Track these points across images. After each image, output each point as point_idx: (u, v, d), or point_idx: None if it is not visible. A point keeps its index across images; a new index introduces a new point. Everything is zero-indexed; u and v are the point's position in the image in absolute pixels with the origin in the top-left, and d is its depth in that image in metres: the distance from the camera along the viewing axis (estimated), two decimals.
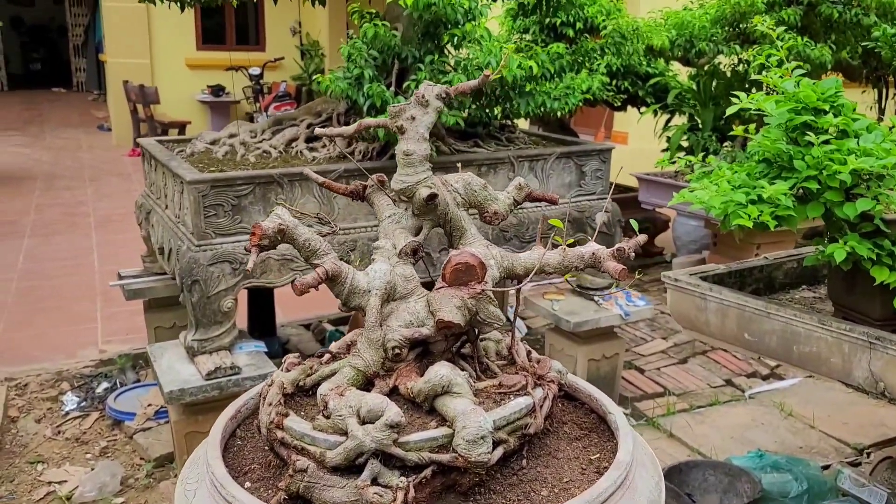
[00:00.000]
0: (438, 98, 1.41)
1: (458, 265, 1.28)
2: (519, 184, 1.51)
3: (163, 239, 3.50)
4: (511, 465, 1.28)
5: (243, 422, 1.47)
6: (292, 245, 1.31)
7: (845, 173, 2.23)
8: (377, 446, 1.15)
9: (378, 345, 1.29)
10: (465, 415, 1.18)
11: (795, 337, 2.50)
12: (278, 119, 3.74)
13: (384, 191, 1.47)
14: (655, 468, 1.34)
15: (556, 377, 1.41)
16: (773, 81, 2.41)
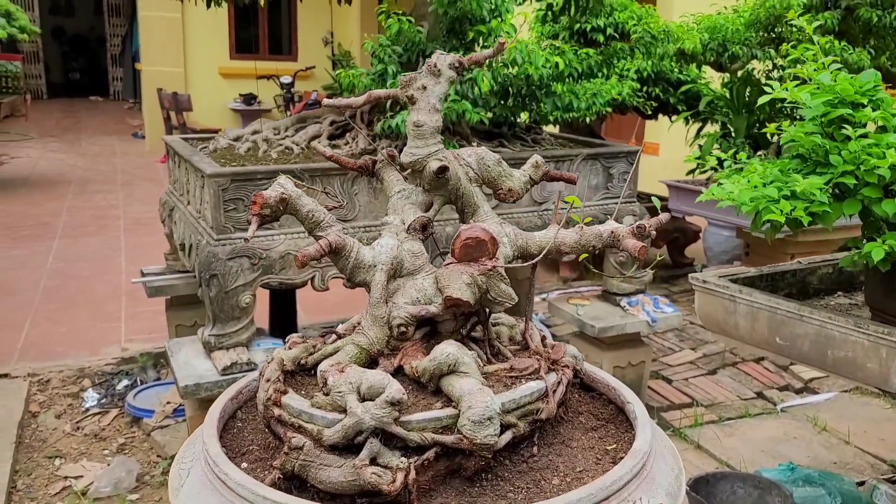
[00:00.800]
0: (451, 68, 1.35)
1: (468, 240, 1.22)
2: (536, 161, 1.45)
3: (184, 235, 3.48)
4: (521, 452, 1.21)
5: (245, 404, 1.42)
6: (295, 216, 1.26)
7: (884, 168, 2.13)
8: (377, 424, 1.08)
9: (383, 322, 1.23)
10: (471, 394, 1.11)
11: (830, 341, 2.39)
12: (302, 117, 3.72)
13: (394, 166, 1.41)
14: (676, 460, 1.25)
15: (572, 362, 1.33)
16: (809, 73, 2.31)
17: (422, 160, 1.34)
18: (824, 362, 2.46)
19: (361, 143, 3.34)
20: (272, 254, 3.09)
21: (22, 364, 4.42)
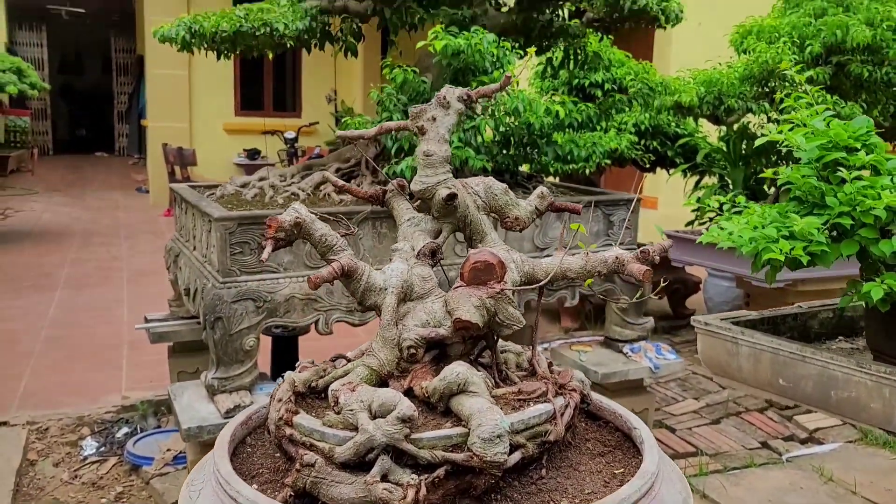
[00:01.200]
0: (460, 100, 1.41)
1: (477, 263, 1.25)
2: (541, 192, 1.49)
3: (189, 279, 3.51)
4: (530, 474, 1.22)
5: (254, 430, 1.42)
6: (308, 241, 1.29)
7: (880, 208, 2.18)
8: (388, 440, 1.10)
9: (393, 344, 1.26)
10: (480, 413, 1.13)
11: (833, 382, 2.40)
12: (308, 165, 3.79)
13: (404, 196, 1.46)
14: (684, 485, 1.26)
15: (579, 386, 1.35)
16: (803, 118, 2.38)
17: (431, 188, 1.38)
18: (828, 403, 2.47)
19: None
20: (277, 297, 3.12)
21: (21, 412, 4.40)
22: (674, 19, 3.77)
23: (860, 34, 4.35)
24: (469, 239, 1.42)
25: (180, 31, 3.31)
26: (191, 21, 3.35)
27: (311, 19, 3.35)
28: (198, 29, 3.30)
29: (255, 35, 3.27)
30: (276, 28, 3.20)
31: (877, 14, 4.58)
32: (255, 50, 3.61)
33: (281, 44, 3.47)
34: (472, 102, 1.47)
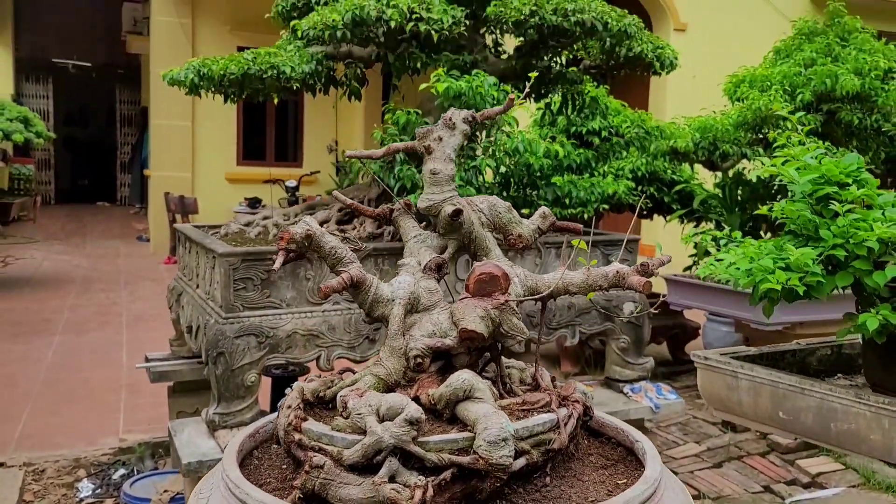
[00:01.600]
0: (465, 121, 1.47)
1: (482, 275, 1.29)
2: (543, 212, 1.54)
3: (191, 317, 3.54)
4: (534, 482, 1.23)
5: (261, 444, 1.44)
6: (318, 253, 1.33)
7: (873, 240, 2.23)
8: (396, 442, 1.12)
9: (400, 353, 1.29)
10: (486, 417, 1.15)
11: (832, 414, 2.41)
12: (311, 205, 3.86)
13: (410, 214, 1.50)
14: (686, 497, 1.27)
15: (582, 398, 1.37)
16: (796, 153, 2.45)
17: (437, 205, 1.43)
18: (828, 436, 2.48)
19: (369, 228, 3.45)
20: (279, 332, 3.15)
21: (18, 453, 4.37)
22: (669, 66, 3.88)
23: (849, 83, 4.48)
24: (473, 255, 1.46)
25: (189, 73, 3.41)
26: (199, 64, 3.45)
27: (316, 63, 3.45)
28: (206, 72, 3.39)
29: (262, 78, 3.36)
30: (283, 71, 3.30)
31: (864, 64, 4.72)
32: (262, 93, 3.71)
33: (287, 87, 3.56)
34: (476, 124, 1.53)
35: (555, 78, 4.02)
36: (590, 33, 3.43)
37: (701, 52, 8.81)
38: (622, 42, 3.62)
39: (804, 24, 5.36)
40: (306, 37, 3.43)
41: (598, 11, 3.39)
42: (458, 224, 1.41)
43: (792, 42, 5.30)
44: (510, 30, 3.57)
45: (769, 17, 9.47)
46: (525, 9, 3.33)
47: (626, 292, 3.91)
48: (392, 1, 3.23)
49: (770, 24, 8.96)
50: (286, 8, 3.78)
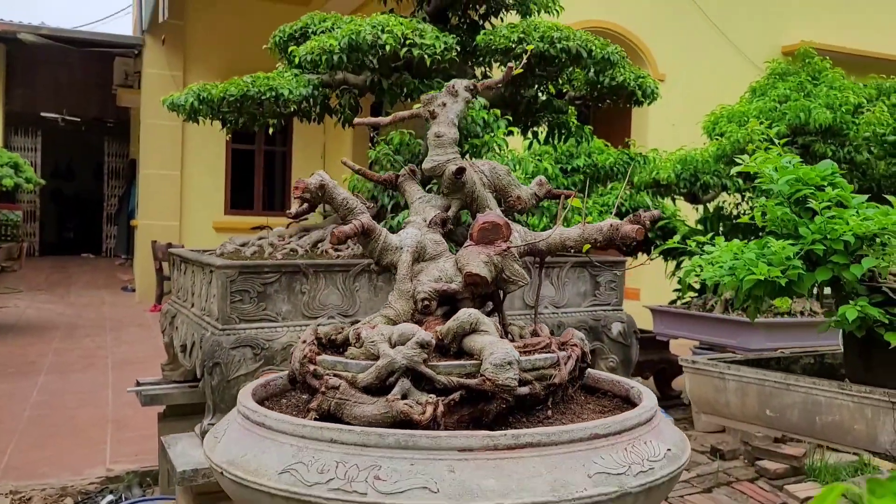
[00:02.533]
0: (467, 90, 1.57)
1: (485, 224, 1.37)
2: (540, 180, 1.63)
3: (186, 335, 3.57)
4: (536, 414, 1.29)
5: (271, 396, 1.49)
6: (331, 204, 1.41)
7: (849, 235, 2.34)
8: (408, 363, 1.18)
9: (408, 296, 1.35)
10: (492, 344, 1.22)
11: (817, 407, 2.48)
12: (305, 227, 3.94)
13: (415, 180, 1.59)
14: (682, 436, 1.33)
15: (580, 343, 1.44)
16: (773, 160, 2.58)
17: (441, 165, 1.52)
18: (813, 430, 2.55)
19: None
20: (274, 345, 3.19)
21: (4, 482, 4.31)
22: (650, 96, 4.05)
23: (822, 115, 4.68)
24: (475, 214, 1.55)
25: (189, 97, 3.52)
26: (199, 88, 3.56)
27: (313, 88, 3.58)
28: (206, 95, 3.51)
29: (260, 101, 3.48)
30: (281, 93, 3.42)
31: (835, 99, 4.93)
32: (259, 120, 3.82)
33: (284, 112, 3.68)
34: (477, 93, 1.64)
35: (541, 107, 4.18)
36: (575, 60, 3.60)
37: (679, 101, 9.12)
38: (605, 70, 3.79)
39: (777, 64, 5.61)
40: (303, 63, 3.56)
41: (583, 39, 3.56)
42: (461, 183, 1.50)
43: (766, 81, 5.54)
44: (499, 58, 3.73)
45: (742, 66, 9.85)
46: (513, 36, 3.50)
47: (615, 313, 3.99)
48: (387, 27, 3.38)
49: (744, 73, 9.31)
50: (283, 38, 3.93)
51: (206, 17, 12.57)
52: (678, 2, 9.83)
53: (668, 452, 1.20)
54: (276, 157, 13.59)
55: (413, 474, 1.06)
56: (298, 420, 1.16)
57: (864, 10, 11.14)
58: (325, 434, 1.12)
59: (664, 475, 1.18)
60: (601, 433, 1.17)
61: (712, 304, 5.18)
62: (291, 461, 1.11)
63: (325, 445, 1.11)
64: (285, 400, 1.44)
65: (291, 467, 1.10)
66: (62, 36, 13.60)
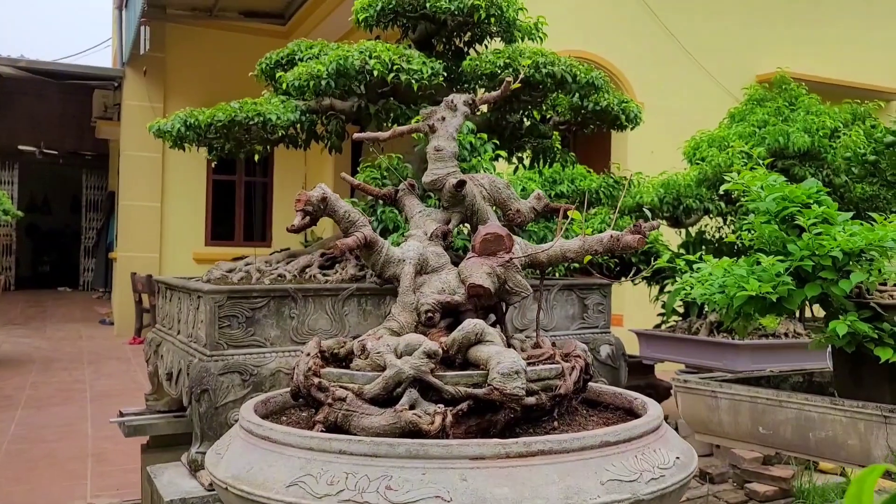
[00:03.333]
0: (465, 104, 1.58)
1: (488, 235, 1.37)
2: (538, 194, 1.64)
3: (171, 363, 3.52)
4: (542, 426, 1.28)
5: (272, 414, 1.47)
6: (332, 217, 1.41)
7: (837, 251, 2.37)
8: (415, 373, 1.17)
9: (411, 308, 1.35)
10: (499, 353, 1.21)
11: (810, 423, 2.49)
12: (292, 253, 3.92)
13: (415, 193, 1.59)
14: (688, 445, 1.33)
15: (583, 355, 1.44)
16: (759, 178, 2.62)
17: (442, 178, 1.52)
18: (807, 447, 2.55)
19: (351, 271, 3.52)
20: (263, 371, 3.15)
21: None
22: (633, 120, 4.11)
23: (800, 139, 4.76)
24: (475, 227, 1.55)
25: (175, 123, 3.52)
26: (186, 115, 3.56)
27: (300, 113, 3.59)
28: (192, 122, 3.51)
29: (248, 127, 3.48)
30: (269, 118, 3.43)
31: (812, 124, 5.03)
32: (247, 145, 3.82)
33: (272, 138, 3.68)
34: (476, 108, 1.65)
35: (526, 133, 4.22)
36: (560, 85, 3.64)
37: (658, 129, 9.25)
38: (589, 95, 3.84)
39: (755, 91, 5.72)
40: (290, 89, 3.58)
41: (567, 64, 3.61)
42: (461, 196, 1.51)
43: (745, 107, 5.64)
44: (485, 83, 3.76)
45: (719, 95, 10.03)
46: (499, 61, 3.54)
47: (603, 335, 3.99)
48: (374, 53, 3.41)
49: (720, 101, 9.49)
50: (270, 65, 3.95)
51: (186, 49, 12.61)
52: (655, 33, 10.03)
53: (677, 460, 1.20)
54: (256, 188, 13.57)
55: (425, 483, 1.05)
56: (306, 432, 1.14)
57: (834, 42, 11.43)
58: (334, 445, 1.10)
59: (675, 482, 1.18)
60: (612, 441, 1.16)
61: (697, 327, 5.21)
62: (300, 474, 1.09)
63: (333, 457, 1.09)
64: (286, 417, 1.42)
65: (300, 480, 1.08)
66: (41, 68, 13.56)
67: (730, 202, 5.22)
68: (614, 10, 9.90)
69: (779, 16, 11.05)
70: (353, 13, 3.86)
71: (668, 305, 6.09)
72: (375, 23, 3.88)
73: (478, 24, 3.78)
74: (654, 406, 1.35)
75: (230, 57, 11.99)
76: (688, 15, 10.33)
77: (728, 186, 2.58)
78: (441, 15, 3.72)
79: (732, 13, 10.71)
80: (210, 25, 12.66)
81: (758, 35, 10.82)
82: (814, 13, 11.35)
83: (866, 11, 11.78)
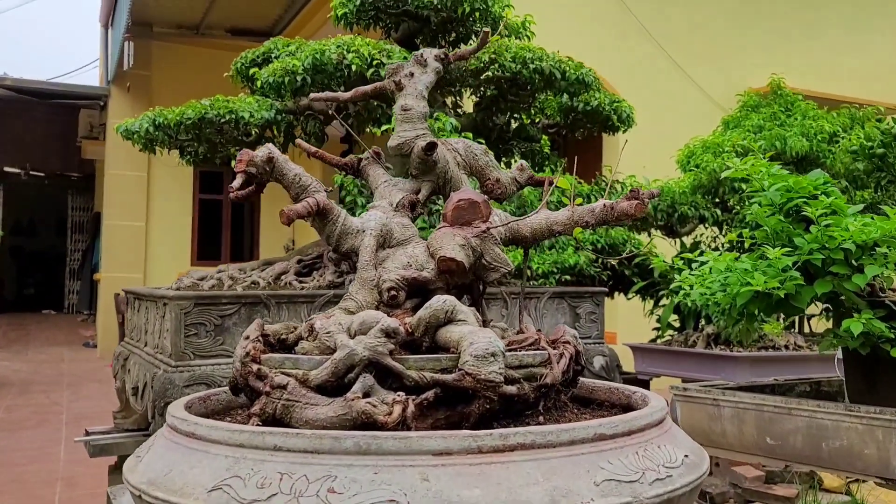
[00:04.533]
0: (437, 59, 1.40)
1: (461, 202, 1.18)
2: (521, 165, 1.46)
3: (138, 377, 3.31)
4: (526, 421, 1.08)
5: (213, 414, 1.26)
6: (280, 182, 1.22)
7: (849, 242, 2.19)
8: (371, 355, 0.97)
9: (372, 285, 1.15)
10: (472, 333, 1.02)
11: (822, 432, 2.29)
12: (268, 261, 3.72)
13: (379, 163, 1.40)
14: (700, 447, 1.13)
15: (573, 341, 1.24)
16: (762, 164, 2.44)
17: (410, 141, 1.34)
18: (820, 457, 2.35)
19: (328, 277, 3.32)
20: None
21: None
22: (626, 121, 3.94)
23: (798, 143, 4.61)
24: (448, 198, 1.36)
25: (144, 123, 3.33)
26: (155, 114, 3.38)
27: (276, 112, 3.41)
28: (161, 121, 3.32)
29: (220, 126, 3.30)
30: (241, 116, 3.24)
31: (810, 128, 4.88)
32: (221, 148, 3.63)
33: (247, 140, 3.50)
34: (449, 63, 1.47)
35: (513, 135, 4.05)
36: (548, 83, 3.48)
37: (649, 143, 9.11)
38: (579, 93, 3.68)
39: (749, 97, 5.58)
40: (266, 87, 3.40)
41: (556, 60, 3.45)
42: (431, 162, 1.32)
43: (739, 113, 5.50)
44: (468, 81, 3.60)
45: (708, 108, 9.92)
46: (484, 57, 3.38)
47: (597, 346, 3.79)
48: (352, 47, 3.24)
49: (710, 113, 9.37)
50: (245, 64, 3.78)
51: (172, 67, 12.47)
52: (644, 45, 9.94)
53: (685, 459, 1.00)
54: (244, 207, 13.37)
55: (377, 485, 0.84)
56: (235, 426, 0.94)
57: (826, 55, 11.38)
58: (267, 440, 0.90)
59: (684, 484, 0.98)
60: (608, 433, 0.96)
61: (694, 340, 5.02)
62: (225, 475, 0.89)
63: (266, 455, 0.89)
64: (230, 418, 1.22)
65: (225, 483, 0.88)
66: (26, 87, 13.40)
67: (726, 210, 5.06)
68: (602, 22, 9.80)
69: (770, 29, 10.99)
70: (332, 9, 3.70)
71: (664, 318, 5.90)
72: (356, 20, 3.72)
73: (462, 22, 3.62)
74: (657, 398, 1.16)
75: (215, 77, 11.83)
76: (677, 27, 10.25)
77: (729, 173, 2.40)
78: (424, 11, 3.56)
79: (723, 26, 10.65)
80: (197, 43, 12.54)
81: (749, 48, 10.74)
82: (806, 27, 11.31)
83: (860, 25, 11.74)
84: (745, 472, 4.76)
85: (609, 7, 9.91)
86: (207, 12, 11.65)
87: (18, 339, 14.22)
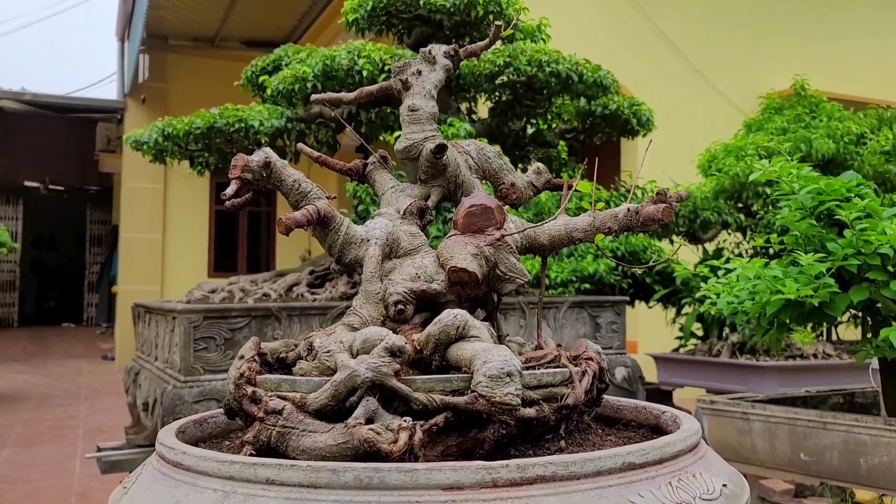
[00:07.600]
0: (446, 56, 1.31)
1: (473, 207, 1.09)
2: (538, 168, 1.36)
3: (148, 392, 3.24)
4: (546, 446, 0.99)
5: (210, 438, 1.18)
6: (279, 189, 1.13)
7: (887, 246, 2.07)
8: (374, 376, 0.88)
9: (377, 299, 1.06)
10: (486, 351, 0.92)
11: (860, 448, 2.16)
12: (279, 272, 3.65)
13: (386, 168, 1.32)
14: (739, 476, 1.02)
15: (596, 357, 1.15)
16: (794, 169, 2.33)
17: (418, 144, 1.25)
18: (858, 474, 2.22)
19: (341, 288, 3.24)
20: None
21: None
22: (646, 125, 3.84)
23: (824, 146, 4.48)
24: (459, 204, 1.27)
25: (153, 133, 3.28)
26: (164, 124, 3.33)
27: (286, 120, 3.35)
28: (171, 131, 3.27)
29: (229, 135, 3.23)
30: (251, 125, 3.18)
31: (836, 130, 4.75)
32: (230, 157, 3.56)
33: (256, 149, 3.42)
34: (459, 60, 1.38)
35: (529, 141, 3.96)
36: (565, 86, 3.39)
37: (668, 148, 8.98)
38: (597, 97, 3.58)
39: (772, 100, 5.45)
40: (276, 95, 3.34)
41: (572, 62, 3.35)
42: (441, 165, 1.23)
43: (762, 116, 5.37)
44: (483, 86, 3.51)
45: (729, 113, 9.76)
46: (499, 60, 3.29)
47: (618, 357, 3.68)
48: (363, 52, 3.16)
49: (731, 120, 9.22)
50: (255, 72, 3.72)
51: (188, 79, 12.51)
52: (661, 50, 9.81)
53: (724, 488, 0.90)
54: (260, 218, 13.37)
55: None
56: (225, 456, 0.85)
57: (849, 57, 11.18)
58: (259, 473, 0.81)
59: None
60: (637, 462, 0.87)
61: (718, 349, 4.88)
62: None
63: (258, 488, 0.80)
64: (228, 442, 1.14)
65: None
66: (45, 102, 13.51)
67: (749, 215, 4.92)
68: (618, 26, 9.69)
69: (791, 31, 10.82)
70: (342, 15, 3.63)
71: (686, 327, 5.76)
72: (367, 26, 3.65)
73: (476, 25, 3.53)
74: (690, 420, 1.06)
75: (231, 89, 11.87)
76: (695, 31, 10.11)
77: (757, 176, 2.29)
78: (436, 15, 3.48)
79: (741, 29, 10.50)
80: (212, 55, 12.58)
81: (767, 51, 10.58)
82: (825, 29, 11.12)
83: (881, 26, 11.53)
84: (773, 485, 4.61)
85: (625, 11, 9.80)
86: (223, 24, 11.69)
87: (38, 353, 14.29)
